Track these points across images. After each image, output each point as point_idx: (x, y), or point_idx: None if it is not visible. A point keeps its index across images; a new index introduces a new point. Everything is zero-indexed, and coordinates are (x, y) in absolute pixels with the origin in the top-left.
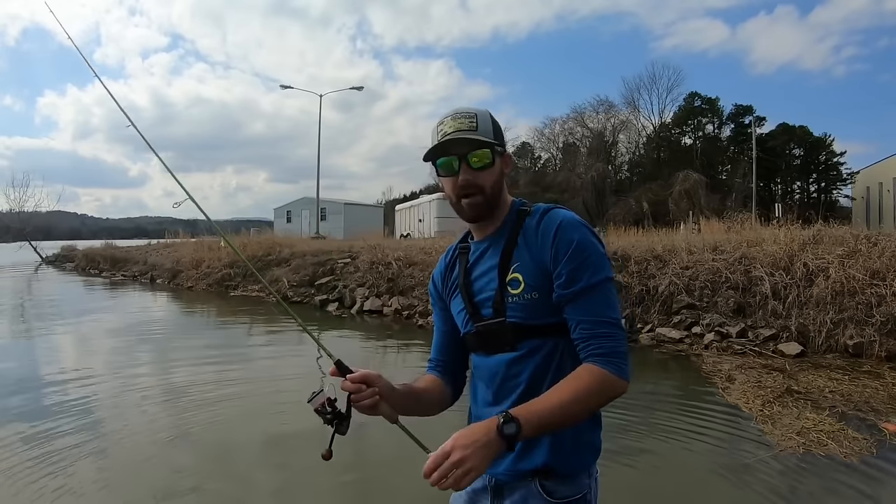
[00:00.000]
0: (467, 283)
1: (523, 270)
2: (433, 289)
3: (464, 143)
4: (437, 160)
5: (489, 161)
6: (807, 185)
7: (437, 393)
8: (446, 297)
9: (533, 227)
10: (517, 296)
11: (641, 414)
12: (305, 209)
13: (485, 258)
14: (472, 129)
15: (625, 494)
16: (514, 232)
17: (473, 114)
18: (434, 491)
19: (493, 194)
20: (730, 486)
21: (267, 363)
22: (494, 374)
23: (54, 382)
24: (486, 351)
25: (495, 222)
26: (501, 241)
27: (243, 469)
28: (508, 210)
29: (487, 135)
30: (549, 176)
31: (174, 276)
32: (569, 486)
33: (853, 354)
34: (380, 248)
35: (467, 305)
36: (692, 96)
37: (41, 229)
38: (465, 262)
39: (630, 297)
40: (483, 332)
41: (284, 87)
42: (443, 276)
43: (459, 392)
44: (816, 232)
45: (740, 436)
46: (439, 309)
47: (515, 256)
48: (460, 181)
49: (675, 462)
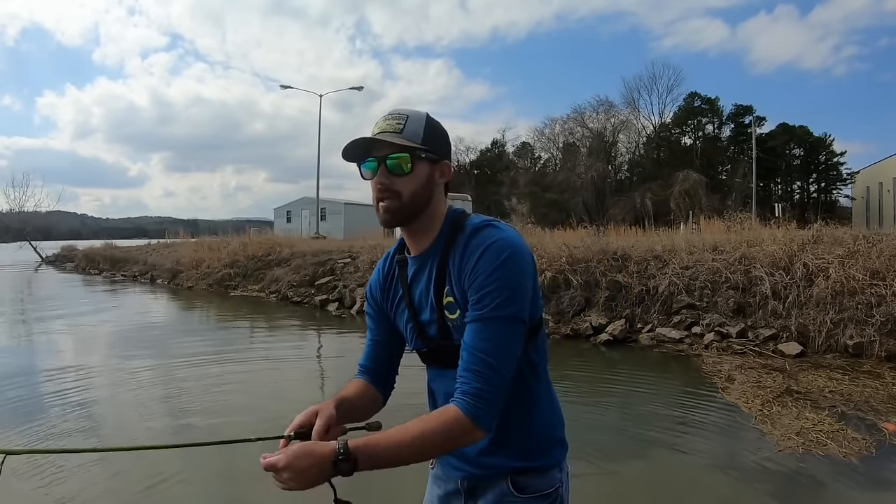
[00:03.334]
0: (410, 301)
1: (454, 295)
2: (370, 297)
3: (384, 145)
4: (360, 162)
5: (407, 166)
6: (807, 185)
7: (370, 402)
8: (388, 310)
9: (461, 245)
10: (455, 320)
11: (641, 414)
12: (305, 209)
13: (421, 278)
14: (397, 131)
15: (624, 494)
16: (446, 251)
17: (405, 115)
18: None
19: (413, 202)
20: (729, 486)
21: (267, 363)
22: (452, 389)
23: (53, 381)
24: (440, 366)
25: (428, 236)
26: (435, 260)
27: (243, 469)
28: (441, 223)
29: (414, 139)
30: (549, 176)
31: (174, 275)
32: (541, 481)
33: (853, 354)
34: (380, 248)
35: (414, 325)
36: (692, 96)
37: (41, 229)
38: (404, 276)
39: (630, 297)
40: (434, 350)
41: (284, 87)
42: (381, 288)
43: (388, 396)
44: (816, 232)
45: (740, 436)
46: (374, 318)
47: (448, 279)
48: (376, 184)
49: (674, 462)
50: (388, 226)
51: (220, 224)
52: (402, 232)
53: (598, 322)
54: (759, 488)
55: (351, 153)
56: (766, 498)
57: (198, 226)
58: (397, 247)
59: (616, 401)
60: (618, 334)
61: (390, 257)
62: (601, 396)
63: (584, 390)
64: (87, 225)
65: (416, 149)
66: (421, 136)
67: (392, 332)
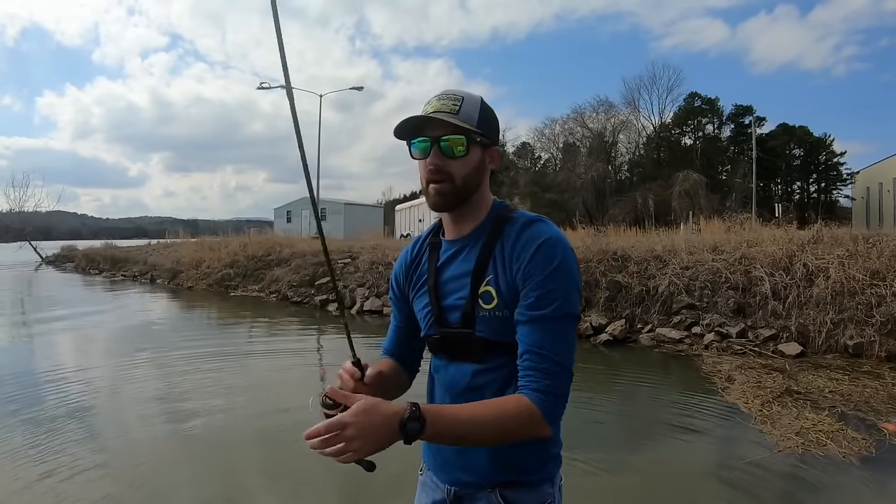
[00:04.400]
0: (436, 283)
1: (497, 285)
2: (394, 282)
3: (438, 124)
4: (411, 140)
5: (462, 149)
6: (807, 186)
7: (401, 380)
8: (410, 293)
9: (512, 237)
10: (489, 311)
11: (641, 414)
12: (305, 209)
13: (457, 261)
14: (452, 112)
15: (624, 494)
16: (492, 239)
17: (460, 96)
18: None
19: (465, 187)
20: (728, 486)
21: (267, 363)
22: (456, 382)
23: (51, 381)
24: (449, 357)
25: (471, 222)
26: (477, 246)
27: (243, 470)
28: (488, 211)
29: (470, 121)
30: (550, 176)
31: (174, 276)
32: (531, 496)
33: (853, 354)
34: (380, 248)
35: (433, 308)
36: (692, 96)
37: (41, 229)
38: (434, 260)
39: (630, 298)
40: (448, 338)
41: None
42: (406, 271)
43: (413, 375)
44: (816, 232)
45: (739, 436)
46: (398, 304)
47: (490, 268)
48: (429, 165)
49: (673, 462)
50: (438, 209)
51: (220, 224)
52: (446, 215)
53: (599, 322)
54: (758, 488)
55: (402, 130)
56: (765, 498)
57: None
58: (432, 230)
59: (616, 401)
60: (618, 334)
61: (422, 240)
62: (601, 397)
63: (584, 390)
64: (87, 225)
65: (472, 132)
66: (476, 119)
67: (414, 317)
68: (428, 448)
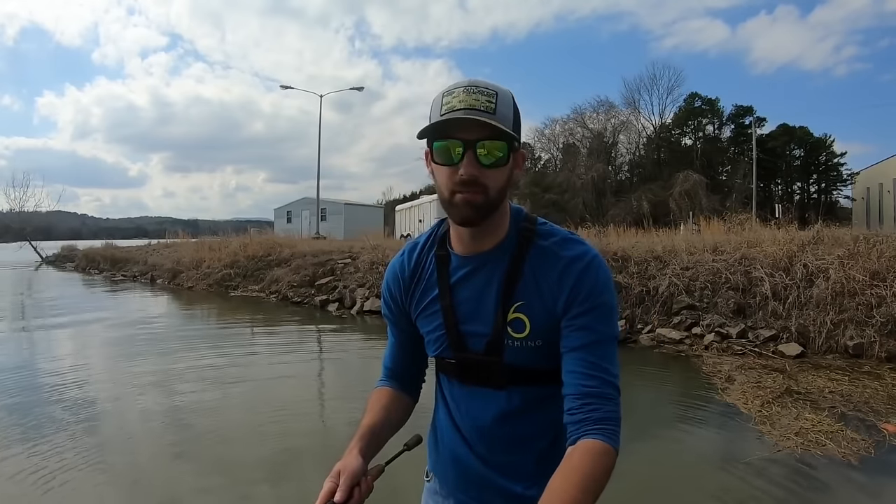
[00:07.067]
0: (452, 305)
1: (531, 312)
2: (387, 296)
3: (476, 126)
4: (434, 141)
5: (502, 157)
6: (807, 186)
7: (399, 413)
8: (411, 309)
9: (549, 258)
10: (520, 340)
11: (640, 414)
12: (305, 209)
13: (476, 280)
14: (488, 110)
15: (623, 494)
16: (520, 258)
17: (494, 91)
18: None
19: (498, 199)
20: (728, 487)
21: (267, 363)
22: (480, 415)
23: (51, 381)
24: (463, 381)
25: (492, 236)
26: (501, 265)
27: (243, 470)
28: (509, 222)
29: (506, 122)
30: (550, 176)
31: (174, 276)
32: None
33: (853, 355)
34: (380, 248)
35: (450, 332)
36: (692, 97)
37: (41, 229)
38: (445, 276)
39: (630, 298)
40: (471, 364)
41: (285, 87)
42: (404, 284)
43: (418, 396)
44: (816, 233)
45: (739, 436)
46: (395, 319)
47: (521, 292)
48: (462, 174)
49: (673, 462)
50: (469, 224)
51: (221, 224)
52: (465, 229)
53: None
54: (758, 489)
55: (431, 130)
56: (765, 498)
57: (198, 226)
58: (433, 240)
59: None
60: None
61: (421, 250)
62: None
63: None
64: (87, 225)
65: (514, 137)
66: (511, 119)
67: (416, 333)
68: (435, 451)
